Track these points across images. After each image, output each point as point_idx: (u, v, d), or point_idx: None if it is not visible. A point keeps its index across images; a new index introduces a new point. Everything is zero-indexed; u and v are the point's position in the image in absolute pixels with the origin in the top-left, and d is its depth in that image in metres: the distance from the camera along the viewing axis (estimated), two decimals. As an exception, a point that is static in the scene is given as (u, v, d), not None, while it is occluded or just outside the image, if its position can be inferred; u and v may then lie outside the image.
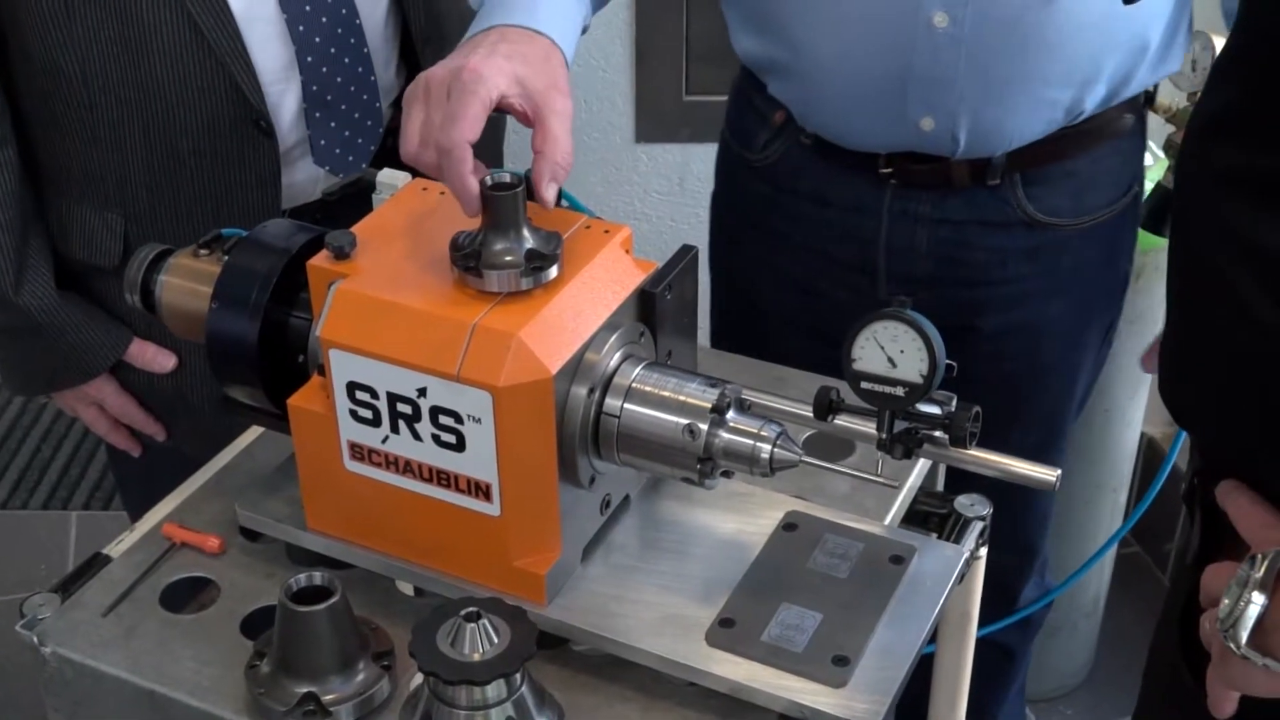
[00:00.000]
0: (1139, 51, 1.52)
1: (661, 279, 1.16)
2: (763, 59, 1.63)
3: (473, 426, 1.07)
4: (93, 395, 1.70)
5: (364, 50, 1.61)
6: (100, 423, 1.74)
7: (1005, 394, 1.09)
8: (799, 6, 1.53)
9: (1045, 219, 1.60)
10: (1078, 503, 2.38)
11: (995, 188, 1.58)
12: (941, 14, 1.45)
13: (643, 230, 2.82)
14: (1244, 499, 1.02)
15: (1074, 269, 1.64)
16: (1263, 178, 0.96)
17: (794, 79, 1.59)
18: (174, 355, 1.67)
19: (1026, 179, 1.58)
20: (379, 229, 1.18)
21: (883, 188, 1.60)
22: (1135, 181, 1.68)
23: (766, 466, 1.10)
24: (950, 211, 1.60)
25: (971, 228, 1.58)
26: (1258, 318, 0.97)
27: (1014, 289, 1.62)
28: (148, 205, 1.59)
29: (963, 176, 1.57)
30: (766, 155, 1.64)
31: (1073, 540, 2.39)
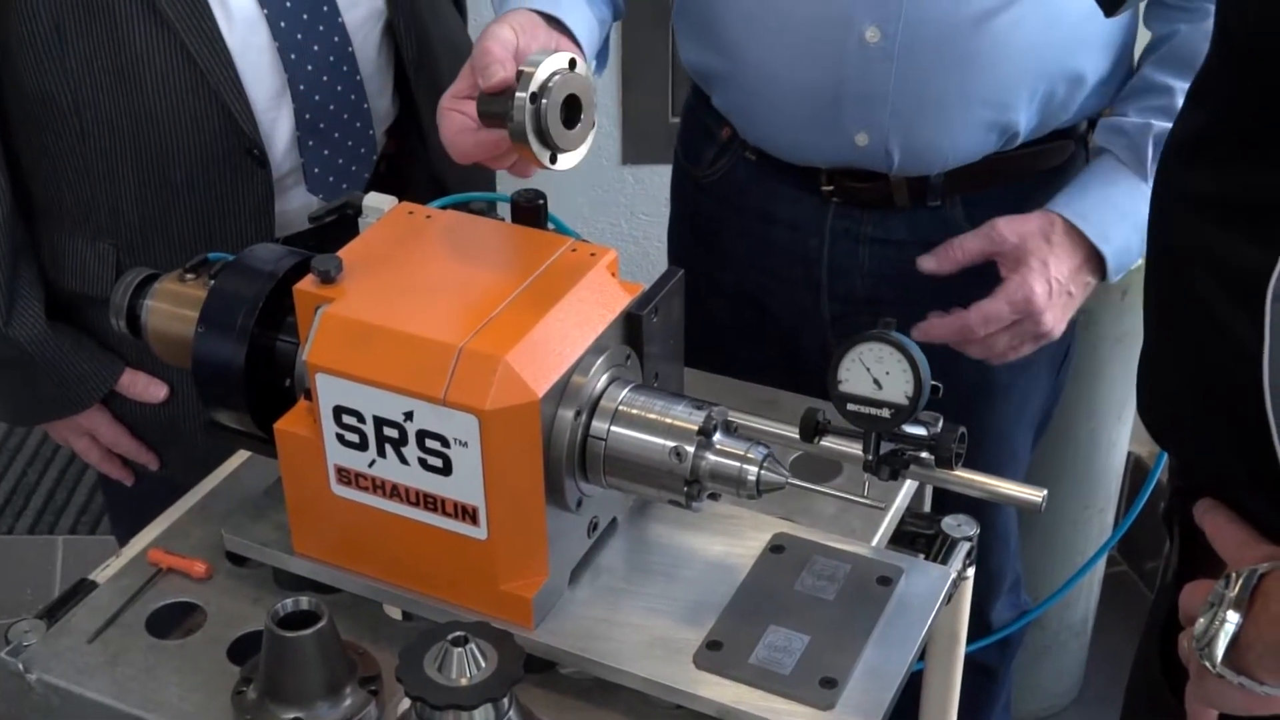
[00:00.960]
0: (1072, 81, 1.54)
1: (648, 301, 1.17)
2: (706, 70, 1.65)
3: (459, 450, 1.07)
4: (85, 426, 1.69)
5: (356, 78, 1.61)
6: (92, 453, 1.73)
7: (956, 414, 1.12)
8: (738, 17, 1.54)
9: None
10: (1064, 522, 2.39)
11: (936, 209, 1.59)
12: (873, 29, 1.46)
13: (629, 252, 2.83)
14: (1221, 517, 1.03)
15: None
16: (1235, 200, 0.97)
17: (735, 90, 1.61)
18: (166, 385, 1.66)
19: (967, 201, 1.60)
20: (365, 253, 1.18)
21: (825, 206, 1.62)
22: None
23: (753, 489, 1.10)
24: (892, 231, 1.62)
25: (913, 248, 1.59)
26: (1232, 337, 0.97)
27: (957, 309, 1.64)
28: (140, 234, 1.59)
29: (903, 196, 1.59)
30: (713, 171, 1.66)
31: (1059, 560, 2.39)
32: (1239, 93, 0.98)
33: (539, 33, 1.35)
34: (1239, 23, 0.99)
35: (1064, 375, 1.81)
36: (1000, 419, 1.73)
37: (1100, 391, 2.27)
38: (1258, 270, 0.94)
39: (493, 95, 1.24)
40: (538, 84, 1.18)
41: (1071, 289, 1.50)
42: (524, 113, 1.18)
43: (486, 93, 1.24)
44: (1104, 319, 2.20)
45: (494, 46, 1.27)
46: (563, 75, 1.19)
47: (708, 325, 1.73)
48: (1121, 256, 1.52)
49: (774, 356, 1.73)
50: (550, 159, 1.21)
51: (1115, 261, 1.52)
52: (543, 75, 1.18)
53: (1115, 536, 1.76)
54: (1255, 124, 0.95)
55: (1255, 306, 0.95)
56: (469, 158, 1.33)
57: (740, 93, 1.61)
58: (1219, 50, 1.02)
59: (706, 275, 1.75)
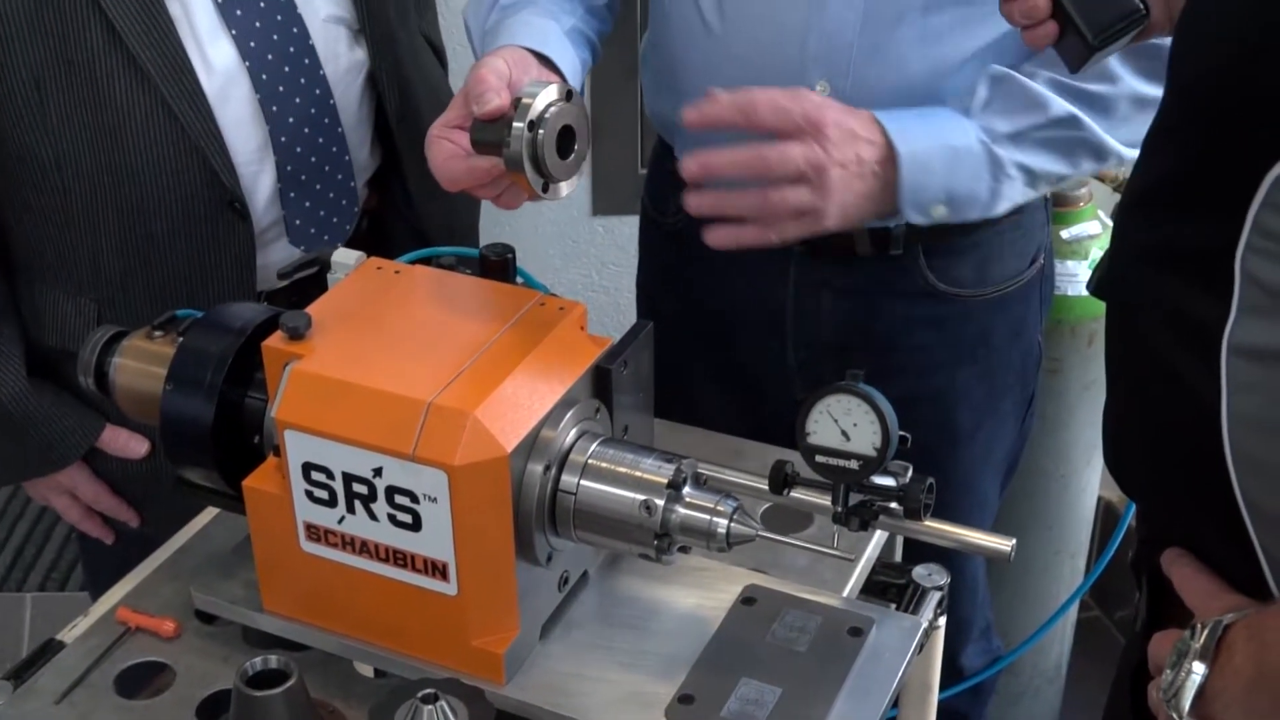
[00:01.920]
0: None
1: (616, 354, 1.17)
2: (669, 119, 1.67)
3: (429, 506, 1.07)
4: (65, 484, 1.67)
5: (338, 130, 1.62)
6: (72, 511, 1.71)
7: (920, 463, 1.13)
8: (696, 67, 1.56)
9: (948, 289, 1.63)
10: (1036, 568, 2.39)
11: (898, 257, 1.60)
12: (823, 83, 1.48)
13: (600, 303, 2.83)
14: (1187, 568, 1.03)
15: (980, 339, 1.67)
16: (1189, 251, 0.98)
17: (695, 139, 1.62)
18: (147, 441, 1.65)
19: (928, 250, 1.61)
20: (334, 308, 1.18)
21: (788, 255, 1.63)
22: (1039, 254, 1.71)
23: (723, 541, 1.10)
24: (855, 280, 1.63)
25: (876, 296, 1.61)
26: (1191, 390, 0.98)
27: (920, 357, 1.65)
28: (121, 289, 1.58)
29: (865, 245, 1.60)
30: (679, 220, 1.68)
31: (1032, 606, 2.39)
32: (1190, 145, 0.99)
33: (530, 67, 1.37)
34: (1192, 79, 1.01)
35: (1029, 422, 1.82)
36: (965, 466, 1.74)
37: (1069, 437, 2.28)
38: (1213, 322, 0.95)
39: (487, 123, 1.25)
40: (535, 113, 1.20)
41: (862, 153, 1.37)
42: (521, 141, 1.20)
43: (481, 120, 1.25)
44: (1072, 366, 2.22)
45: (489, 75, 1.28)
46: (560, 106, 1.22)
47: (676, 373, 1.74)
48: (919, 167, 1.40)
49: (741, 404, 1.74)
50: (543, 188, 1.23)
51: (909, 167, 1.40)
52: (540, 105, 1.20)
53: (1087, 583, 1.77)
54: (1207, 176, 0.97)
55: (1212, 358, 0.96)
56: (458, 185, 1.33)
57: (700, 142, 1.62)
58: (1171, 103, 1.04)
59: (674, 323, 1.76)
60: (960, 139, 1.43)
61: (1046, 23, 1.23)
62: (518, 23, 1.45)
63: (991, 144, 1.43)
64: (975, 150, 1.43)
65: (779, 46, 1.47)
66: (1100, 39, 1.21)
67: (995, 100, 1.44)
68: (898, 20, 1.45)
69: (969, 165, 1.43)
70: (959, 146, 1.42)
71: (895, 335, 1.64)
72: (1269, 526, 0.97)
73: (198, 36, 1.51)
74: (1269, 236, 0.92)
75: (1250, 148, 0.92)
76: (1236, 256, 0.93)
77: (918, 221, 1.46)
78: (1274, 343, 0.94)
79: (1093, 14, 1.21)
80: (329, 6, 1.61)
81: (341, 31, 1.63)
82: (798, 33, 1.47)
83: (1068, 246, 2.18)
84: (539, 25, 1.45)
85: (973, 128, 1.43)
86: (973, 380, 1.68)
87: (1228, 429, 0.96)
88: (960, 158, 1.42)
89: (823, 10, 1.46)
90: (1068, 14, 1.21)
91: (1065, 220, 2.18)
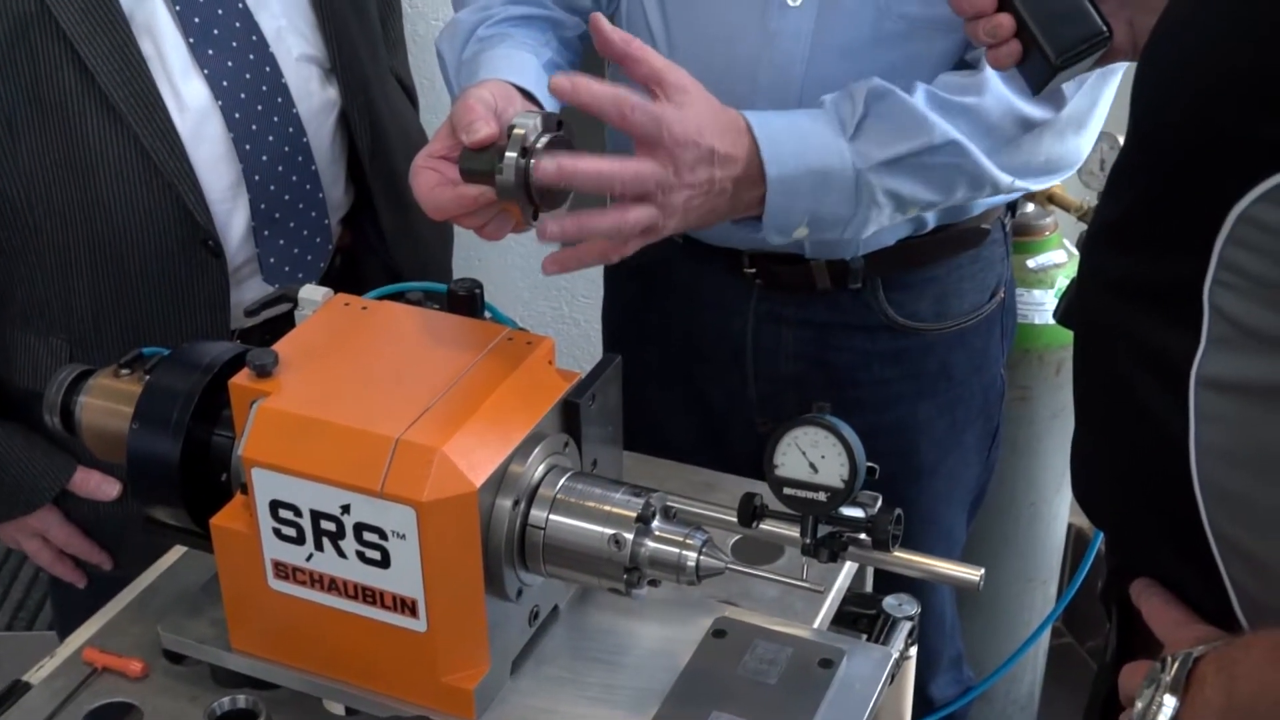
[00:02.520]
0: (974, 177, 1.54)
1: (585, 388, 1.17)
2: (626, 149, 1.67)
3: (397, 542, 1.06)
4: (36, 527, 1.65)
5: (312, 168, 1.62)
6: (44, 555, 1.69)
7: (883, 496, 1.14)
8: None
9: (907, 323, 1.64)
10: (1007, 596, 2.40)
11: (857, 291, 1.61)
12: None
13: (570, 334, 2.83)
14: (1156, 599, 1.04)
15: (941, 373, 1.68)
16: (1156, 284, 0.99)
17: None
18: (119, 483, 1.62)
19: (887, 284, 1.61)
20: (302, 345, 1.18)
21: (749, 289, 1.64)
22: (1000, 287, 1.72)
23: (693, 575, 1.10)
24: (814, 314, 1.63)
25: (836, 330, 1.61)
26: (1159, 422, 0.99)
27: (881, 391, 1.66)
28: (94, 329, 1.57)
29: (824, 280, 1.60)
30: (642, 255, 1.69)
31: (1003, 634, 2.40)
32: (1155, 182, 1.00)
33: (514, 100, 1.37)
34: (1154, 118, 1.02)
35: (994, 454, 1.83)
36: (929, 500, 1.74)
37: (1038, 466, 2.29)
38: (1181, 354, 0.96)
39: (477, 151, 1.25)
40: (528, 142, 1.21)
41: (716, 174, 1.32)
42: (514, 169, 1.20)
43: (471, 149, 1.25)
44: (1040, 394, 2.23)
45: (477, 105, 1.28)
46: (551, 135, 1.22)
47: (642, 406, 1.74)
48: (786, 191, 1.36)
49: (705, 436, 1.74)
50: (534, 215, 1.23)
51: (775, 191, 1.36)
52: (533, 134, 1.21)
53: (1058, 610, 1.77)
54: (1172, 212, 0.97)
55: (1180, 391, 0.97)
56: (444, 214, 1.32)
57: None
58: (1134, 140, 1.05)
59: (638, 356, 1.76)
60: (831, 161, 1.38)
61: (1010, 42, 1.24)
62: (497, 56, 1.46)
63: (864, 170, 1.38)
64: (846, 176, 1.38)
65: (729, 78, 1.48)
66: (1063, 59, 1.22)
67: (872, 120, 1.39)
68: (846, 53, 1.46)
69: (836, 190, 1.39)
70: (829, 170, 1.37)
71: (855, 369, 1.65)
72: (1236, 557, 0.98)
73: (170, 75, 1.51)
74: (1235, 271, 0.93)
75: (1213, 185, 0.93)
76: (1204, 290, 0.94)
77: (776, 242, 1.42)
78: (1242, 375, 0.94)
79: (1056, 35, 1.22)
80: (301, 46, 1.61)
81: (314, 70, 1.63)
82: (748, 65, 1.48)
83: (1034, 275, 2.19)
84: (519, 59, 1.46)
85: (847, 151, 1.38)
86: (934, 414, 1.69)
87: (1196, 460, 0.97)
88: (828, 182, 1.38)
89: (771, 43, 1.47)
90: (1031, 34, 1.22)
91: (1031, 249, 2.20)
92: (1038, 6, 1.21)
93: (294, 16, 1.61)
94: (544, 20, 1.55)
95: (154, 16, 1.50)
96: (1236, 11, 0.92)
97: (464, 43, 1.53)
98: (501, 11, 1.53)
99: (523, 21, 1.53)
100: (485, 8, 1.54)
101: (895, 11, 1.44)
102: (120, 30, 1.47)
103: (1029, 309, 2.17)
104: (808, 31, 1.46)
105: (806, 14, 1.45)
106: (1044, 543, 2.39)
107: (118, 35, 1.46)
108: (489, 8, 1.53)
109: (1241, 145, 0.90)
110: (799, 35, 1.46)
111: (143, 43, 1.49)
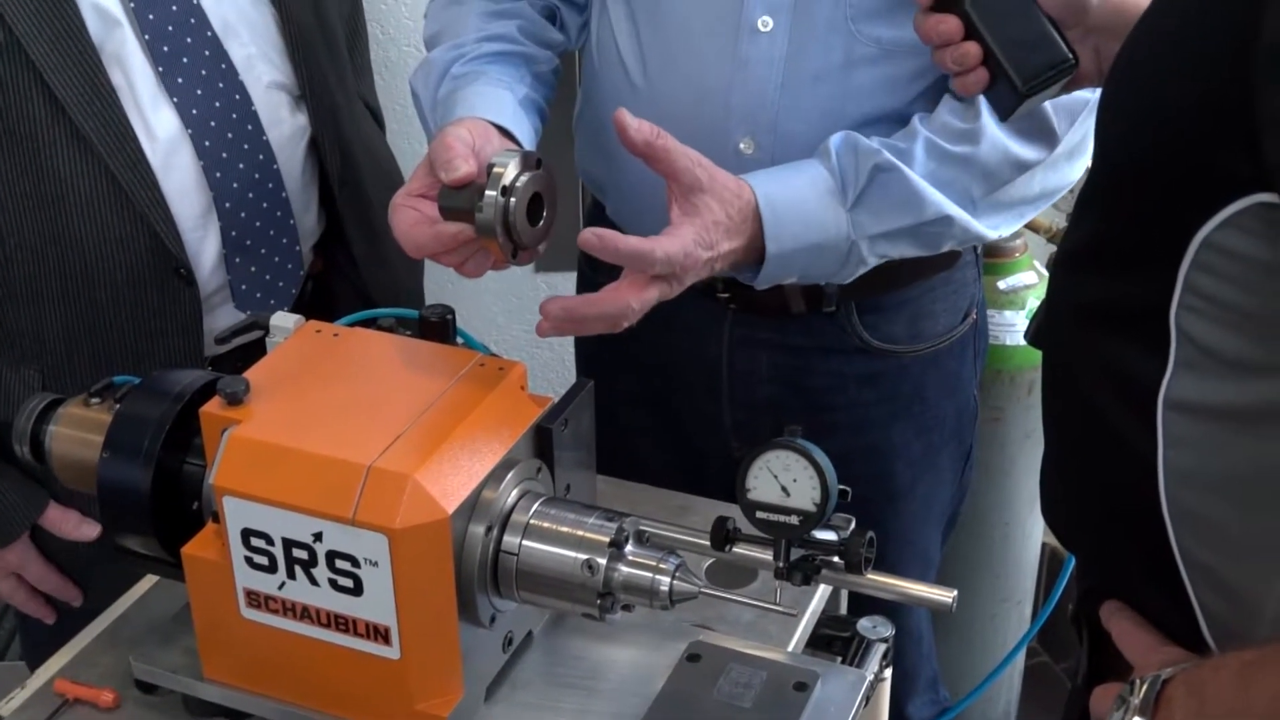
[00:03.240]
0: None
1: (557, 414, 1.17)
2: (598, 179, 1.69)
3: (370, 570, 1.06)
4: (11, 564, 1.62)
5: (282, 195, 1.62)
6: (18, 594, 1.66)
7: (858, 518, 1.14)
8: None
9: (881, 345, 1.64)
10: (982, 617, 2.40)
11: (831, 314, 1.62)
12: (748, 140, 1.49)
13: (544, 359, 2.83)
14: (1126, 621, 1.04)
15: (915, 395, 1.68)
16: (1123, 309, 1.00)
17: (624, 197, 1.64)
18: (98, 525, 1.59)
19: (861, 307, 1.62)
20: (273, 373, 1.18)
21: (723, 313, 1.64)
22: (972, 308, 1.73)
23: (666, 599, 1.10)
24: (789, 337, 1.64)
25: (810, 353, 1.62)
26: (1128, 445, 0.99)
27: (856, 413, 1.66)
28: (66, 359, 1.56)
29: (799, 303, 1.61)
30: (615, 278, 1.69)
31: (979, 654, 2.40)
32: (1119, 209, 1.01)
33: (491, 137, 1.38)
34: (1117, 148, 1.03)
35: (968, 475, 1.84)
36: (904, 521, 1.75)
37: (1012, 485, 2.30)
38: (1149, 378, 0.97)
39: (456, 190, 1.25)
40: (508, 180, 1.21)
41: (717, 265, 1.37)
42: (494, 208, 1.20)
43: (450, 187, 1.25)
44: (1013, 414, 2.24)
45: (455, 144, 1.29)
46: (530, 174, 1.23)
47: (616, 430, 1.75)
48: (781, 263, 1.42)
49: (683, 459, 1.74)
50: (513, 254, 1.23)
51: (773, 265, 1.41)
52: (512, 173, 1.21)
53: (1033, 630, 1.78)
54: (1137, 238, 0.98)
55: (1148, 414, 0.97)
56: (423, 251, 1.32)
57: (629, 201, 1.64)
58: (1099, 167, 1.06)
59: (612, 381, 1.76)
60: (830, 234, 1.42)
61: (977, 69, 1.25)
62: (473, 93, 1.46)
63: (858, 240, 1.43)
64: (840, 245, 1.43)
65: (703, 105, 1.49)
66: (1029, 87, 1.23)
67: (873, 194, 1.42)
68: (818, 78, 1.47)
69: (829, 255, 1.43)
70: (825, 243, 1.42)
71: (830, 392, 1.65)
72: (1205, 580, 0.98)
73: (140, 105, 1.51)
74: (1200, 296, 0.94)
75: (1177, 213, 0.93)
76: (1171, 314, 0.95)
77: (760, 289, 1.46)
78: (1208, 398, 0.95)
79: (1022, 63, 1.23)
80: (270, 73, 1.61)
81: (283, 97, 1.63)
82: (721, 91, 1.49)
83: (1004, 297, 2.21)
84: (495, 96, 1.46)
85: (845, 222, 1.42)
86: (909, 435, 1.70)
87: (1164, 483, 0.97)
88: (823, 252, 1.43)
89: (744, 69, 1.48)
90: (998, 61, 1.23)
91: (1001, 271, 2.21)
92: (1004, 35, 1.22)
93: (263, 44, 1.61)
94: (518, 56, 1.56)
95: (123, 46, 1.50)
96: (1191, 45, 0.93)
97: (439, 81, 1.53)
98: (475, 49, 1.53)
99: (497, 58, 1.53)
100: (459, 45, 1.54)
101: (866, 35, 1.45)
102: (90, 60, 1.46)
103: (1000, 330, 2.18)
104: (780, 57, 1.47)
105: (778, 40, 1.46)
106: (1018, 563, 2.40)
107: (87, 65, 1.46)
108: (462, 45, 1.54)
109: (1202, 173, 0.91)
110: (771, 61, 1.47)
111: (112, 73, 1.48)
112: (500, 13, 1.58)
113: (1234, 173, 0.89)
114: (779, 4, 1.46)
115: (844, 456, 1.17)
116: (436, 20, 1.61)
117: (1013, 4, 1.23)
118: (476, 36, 1.54)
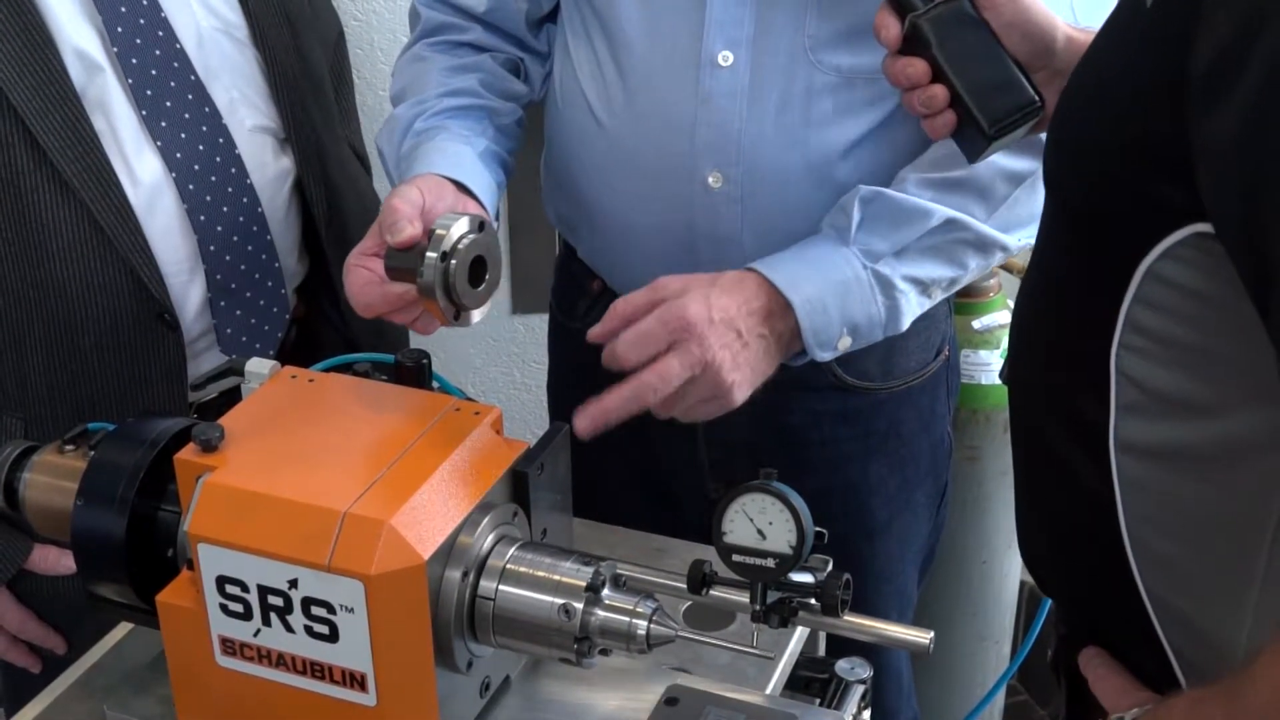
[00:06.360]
0: None
1: (533, 458, 1.17)
2: (569, 221, 1.69)
3: (345, 616, 1.06)
4: None
5: (267, 238, 1.62)
6: None
7: (836, 556, 1.15)
8: (590, 167, 1.58)
9: (855, 383, 1.65)
10: (961, 656, 2.40)
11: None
12: (715, 174, 1.50)
13: (522, 400, 2.83)
14: (1102, 668, 1.05)
15: (890, 431, 1.69)
16: (1075, 349, 1.01)
17: (595, 238, 1.65)
18: None
19: None
20: (248, 419, 1.17)
21: None
22: (945, 345, 1.74)
23: (643, 643, 1.10)
24: None
25: (786, 391, 1.62)
26: (1088, 489, 1.00)
27: (832, 451, 1.67)
28: (49, 405, 1.55)
29: None
30: (587, 323, 1.70)
31: (959, 694, 2.40)
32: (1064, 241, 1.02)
33: (446, 194, 1.39)
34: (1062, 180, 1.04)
35: (943, 512, 1.84)
36: (882, 558, 1.75)
37: (990, 524, 2.30)
38: (1100, 420, 0.97)
39: (400, 251, 1.26)
40: (449, 244, 1.22)
41: (740, 327, 1.39)
42: (434, 271, 1.21)
43: (395, 248, 1.27)
44: (989, 453, 2.25)
45: (402, 205, 1.31)
46: (473, 237, 1.24)
47: (594, 473, 1.75)
48: (815, 310, 1.43)
49: (659, 502, 1.74)
50: (455, 315, 1.24)
51: (806, 313, 1.43)
52: (454, 236, 1.22)
53: (1012, 668, 1.78)
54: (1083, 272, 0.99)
55: (1102, 458, 0.98)
56: (373, 311, 1.35)
57: (600, 240, 1.65)
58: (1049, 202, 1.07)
59: None
60: (844, 271, 1.44)
61: (945, 112, 1.26)
62: (433, 149, 1.47)
63: (875, 265, 1.45)
64: (861, 277, 1.45)
65: (669, 140, 1.50)
66: (996, 129, 1.25)
67: (869, 221, 1.45)
68: (782, 108, 1.48)
69: (859, 294, 1.45)
70: (845, 279, 1.44)
71: (806, 429, 1.66)
72: (1172, 620, 0.99)
73: (123, 150, 1.51)
74: (1140, 332, 0.94)
75: (1120, 246, 0.95)
76: (1111, 356, 0.96)
77: (826, 359, 1.48)
78: (1155, 441, 0.96)
79: (989, 105, 1.24)
80: (254, 116, 1.62)
81: (267, 141, 1.63)
82: (686, 126, 1.50)
83: (979, 336, 2.22)
84: (453, 151, 1.47)
85: (853, 256, 1.45)
86: (885, 472, 1.70)
87: (1125, 526, 0.98)
88: (849, 289, 1.44)
89: (708, 102, 1.49)
90: (965, 105, 1.24)
91: (976, 310, 2.22)
92: (971, 78, 1.23)
93: (246, 88, 1.62)
94: (480, 109, 1.57)
95: (106, 91, 1.50)
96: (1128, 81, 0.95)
97: (402, 138, 1.54)
98: (436, 104, 1.54)
99: (459, 112, 1.54)
100: (421, 101, 1.55)
101: (826, 64, 1.47)
102: (72, 106, 1.47)
103: (975, 369, 2.19)
104: (742, 89, 1.48)
105: (739, 72, 1.48)
106: (997, 601, 2.40)
107: (70, 111, 1.46)
108: (424, 101, 1.55)
109: (1142, 205, 0.93)
110: (734, 94, 1.48)
111: (95, 118, 1.49)
112: (462, 67, 1.59)
113: (1171, 204, 0.90)
114: (738, 38, 1.47)
115: (821, 493, 1.17)
116: (401, 77, 1.63)
117: (979, 48, 1.24)
118: (438, 91, 1.55)
